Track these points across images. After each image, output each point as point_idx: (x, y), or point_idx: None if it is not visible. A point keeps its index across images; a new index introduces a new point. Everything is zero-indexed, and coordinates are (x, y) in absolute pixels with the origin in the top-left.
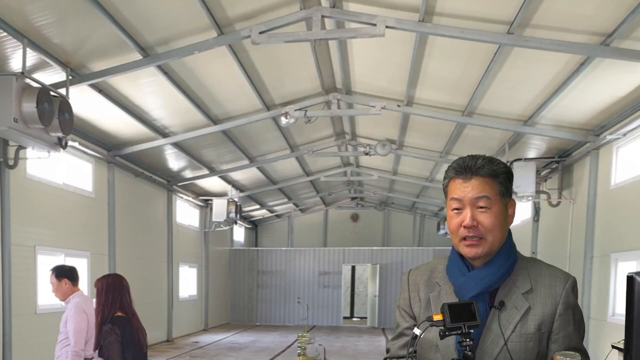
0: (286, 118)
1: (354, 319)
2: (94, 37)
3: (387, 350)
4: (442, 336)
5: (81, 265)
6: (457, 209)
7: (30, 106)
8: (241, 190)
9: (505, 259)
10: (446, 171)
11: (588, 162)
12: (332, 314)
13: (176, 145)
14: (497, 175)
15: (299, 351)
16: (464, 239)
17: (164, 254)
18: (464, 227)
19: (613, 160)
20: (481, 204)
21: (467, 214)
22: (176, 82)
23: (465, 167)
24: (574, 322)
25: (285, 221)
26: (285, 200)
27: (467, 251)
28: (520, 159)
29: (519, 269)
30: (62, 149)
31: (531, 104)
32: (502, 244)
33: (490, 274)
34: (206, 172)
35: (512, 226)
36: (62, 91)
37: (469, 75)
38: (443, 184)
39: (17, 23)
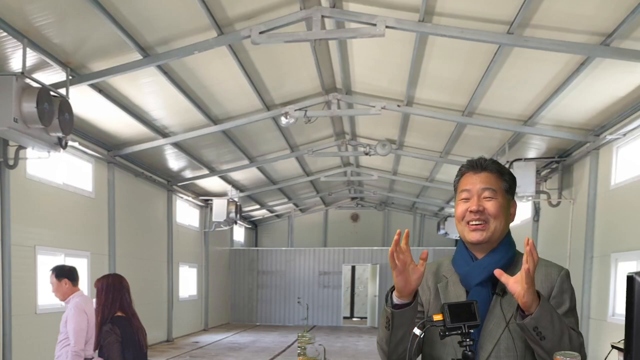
0: (286, 118)
1: (354, 319)
2: (94, 37)
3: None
4: (442, 336)
5: (81, 265)
6: (465, 198)
7: (30, 106)
8: (241, 190)
9: (506, 250)
10: (459, 169)
11: (588, 162)
12: (332, 314)
13: (176, 145)
14: (503, 173)
15: (299, 351)
16: (469, 223)
17: (164, 254)
18: (470, 211)
19: (613, 160)
20: (487, 194)
21: (474, 201)
22: (176, 82)
23: (476, 163)
24: (569, 304)
25: (285, 221)
26: (285, 200)
27: (471, 235)
28: (520, 159)
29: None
30: (62, 149)
31: (531, 104)
32: (503, 235)
33: (493, 263)
34: (206, 172)
35: (512, 226)
36: (62, 91)
37: (469, 75)
38: (455, 181)
39: (17, 23)
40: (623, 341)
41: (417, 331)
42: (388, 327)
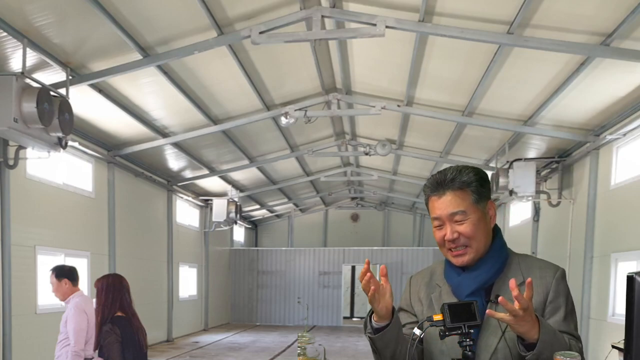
0: (286, 118)
1: (354, 319)
2: (94, 37)
3: None
4: (442, 336)
5: (81, 265)
6: (438, 225)
7: (30, 106)
8: (241, 190)
9: (497, 256)
10: (423, 189)
11: (588, 162)
12: (332, 314)
13: (176, 145)
14: (468, 185)
15: (299, 351)
16: (450, 250)
17: (164, 254)
18: (447, 240)
19: (613, 160)
20: (457, 218)
21: (447, 229)
22: (176, 82)
23: (437, 184)
24: (565, 308)
25: (285, 221)
26: (285, 200)
27: (455, 261)
28: (520, 159)
29: (511, 264)
30: (62, 149)
31: (531, 104)
32: (488, 246)
33: (484, 272)
34: (206, 172)
35: (512, 226)
36: (62, 91)
37: (469, 75)
38: (424, 201)
39: (17, 23)
40: (623, 341)
41: (417, 331)
42: (375, 351)
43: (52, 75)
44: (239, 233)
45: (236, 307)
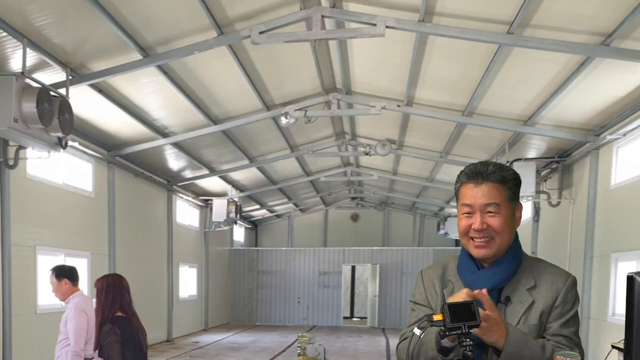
0: (286, 118)
1: (354, 319)
2: (94, 37)
3: (401, 335)
4: (442, 336)
5: (81, 265)
6: (467, 212)
7: (30, 106)
8: (241, 190)
9: (512, 259)
10: (458, 175)
11: (588, 162)
12: (332, 314)
13: (176, 145)
14: (506, 181)
15: (299, 351)
16: (472, 239)
17: (164, 254)
18: (474, 229)
19: (613, 160)
20: (491, 209)
21: (477, 219)
22: (176, 82)
23: (477, 173)
24: (570, 314)
25: (285, 221)
26: (285, 200)
27: (476, 252)
28: (520, 159)
29: (524, 268)
30: (62, 149)
31: (531, 104)
32: (509, 245)
33: (499, 273)
34: (206, 172)
35: None
36: (62, 91)
37: (469, 75)
38: (455, 188)
39: (17, 23)
40: (623, 341)
41: (417, 331)
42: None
43: (52, 75)
44: (239, 233)
45: (236, 307)
